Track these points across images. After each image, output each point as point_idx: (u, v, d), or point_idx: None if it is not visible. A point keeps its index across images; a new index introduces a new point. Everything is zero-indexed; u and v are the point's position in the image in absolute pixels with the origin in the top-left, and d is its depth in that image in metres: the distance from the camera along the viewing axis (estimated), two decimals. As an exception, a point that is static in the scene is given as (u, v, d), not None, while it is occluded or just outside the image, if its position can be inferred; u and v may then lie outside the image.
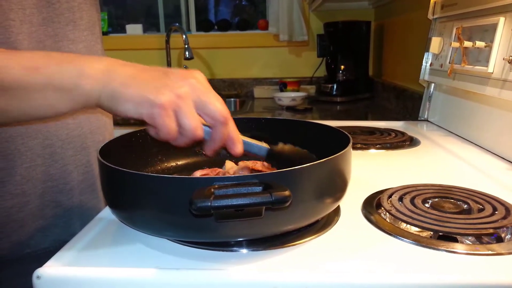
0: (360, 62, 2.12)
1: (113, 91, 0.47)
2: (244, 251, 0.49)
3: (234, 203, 0.36)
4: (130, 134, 0.69)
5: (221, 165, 0.76)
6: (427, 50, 1.19)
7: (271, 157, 0.58)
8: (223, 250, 0.49)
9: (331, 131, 0.64)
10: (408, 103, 1.58)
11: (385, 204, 0.59)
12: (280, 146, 0.60)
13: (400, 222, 0.55)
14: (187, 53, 2.05)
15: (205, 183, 0.43)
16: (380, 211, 0.60)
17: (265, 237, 0.50)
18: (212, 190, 0.40)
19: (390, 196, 0.62)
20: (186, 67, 2.27)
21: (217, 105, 0.48)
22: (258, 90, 2.29)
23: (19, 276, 0.70)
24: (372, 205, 0.61)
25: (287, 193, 0.37)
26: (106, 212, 0.61)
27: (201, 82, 0.49)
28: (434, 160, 0.87)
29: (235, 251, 0.49)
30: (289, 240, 0.51)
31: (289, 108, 1.92)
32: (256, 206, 0.37)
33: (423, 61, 1.22)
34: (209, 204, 0.36)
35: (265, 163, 0.75)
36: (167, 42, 2.22)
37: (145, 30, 2.56)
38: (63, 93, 0.48)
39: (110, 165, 0.49)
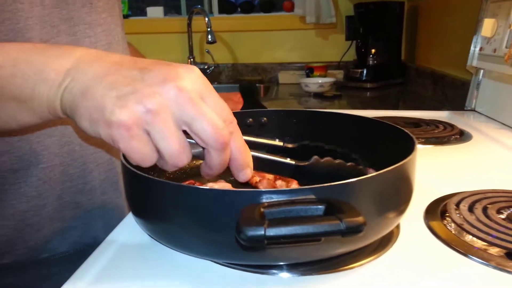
0: (392, 45, 1.99)
1: (72, 101, 0.36)
2: (288, 275, 0.42)
3: (295, 233, 0.28)
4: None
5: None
6: (477, 33, 1.08)
7: (299, 175, 0.45)
8: (262, 273, 0.42)
9: (388, 128, 0.55)
10: (448, 91, 1.47)
11: (454, 215, 0.51)
12: (314, 160, 0.45)
13: (472, 237, 0.47)
14: (209, 36, 1.96)
15: (251, 198, 0.35)
16: (445, 222, 0.51)
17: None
18: (262, 209, 0.32)
19: (457, 205, 0.53)
20: (208, 52, 2.18)
21: (210, 121, 0.34)
22: (283, 75, 2.19)
23: (37, 281, 0.65)
24: (436, 214, 0.52)
25: (361, 219, 0.29)
26: (130, 220, 0.55)
27: (191, 85, 0.35)
28: (494, 159, 0.77)
29: (276, 274, 0.41)
30: (342, 262, 0.43)
31: (316, 95, 1.82)
32: (323, 236, 0.29)
33: (471, 45, 1.10)
34: (263, 233, 0.28)
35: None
36: (189, 25, 2.13)
37: (166, 13, 2.47)
38: (20, 102, 0.38)
39: (138, 172, 0.41)
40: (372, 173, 0.38)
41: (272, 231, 0.28)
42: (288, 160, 0.44)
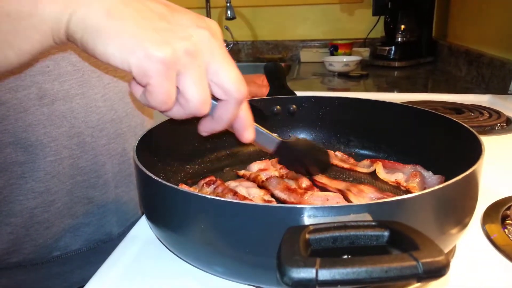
0: (422, 21, 1.87)
1: (90, 20, 0.31)
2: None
3: (356, 278, 0.22)
4: (172, 119, 0.56)
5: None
6: (527, 8, 0.97)
7: (280, 151, 0.47)
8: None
9: (444, 123, 0.47)
10: (485, 71, 1.36)
11: (520, 226, 0.44)
12: (293, 139, 0.51)
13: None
14: (228, 12, 1.87)
15: (289, 218, 0.28)
16: (507, 231, 0.44)
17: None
18: (307, 236, 0.26)
19: (522, 213, 0.46)
20: (227, 28, 2.10)
21: (235, 74, 0.34)
22: (305, 53, 2.09)
23: (49, 279, 0.61)
24: (496, 221, 0.45)
25: (443, 260, 0.22)
26: (143, 223, 0.49)
27: (217, 36, 0.34)
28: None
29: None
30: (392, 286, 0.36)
31: (341, 75, 1.73)
32: (394, 281, 0.22)
33: (520, 21, 1.00)
34: (314, 276, 0.22)
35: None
36: (207, 0, 2.05)
37: (183, -13, 2.38)
38: (18, 21, 0.33)
39: (156, 178, 0.35)
40: (437, 186, 0.31)
41: (326, 274, 0.22)
42: (275, 135, 0.46)
